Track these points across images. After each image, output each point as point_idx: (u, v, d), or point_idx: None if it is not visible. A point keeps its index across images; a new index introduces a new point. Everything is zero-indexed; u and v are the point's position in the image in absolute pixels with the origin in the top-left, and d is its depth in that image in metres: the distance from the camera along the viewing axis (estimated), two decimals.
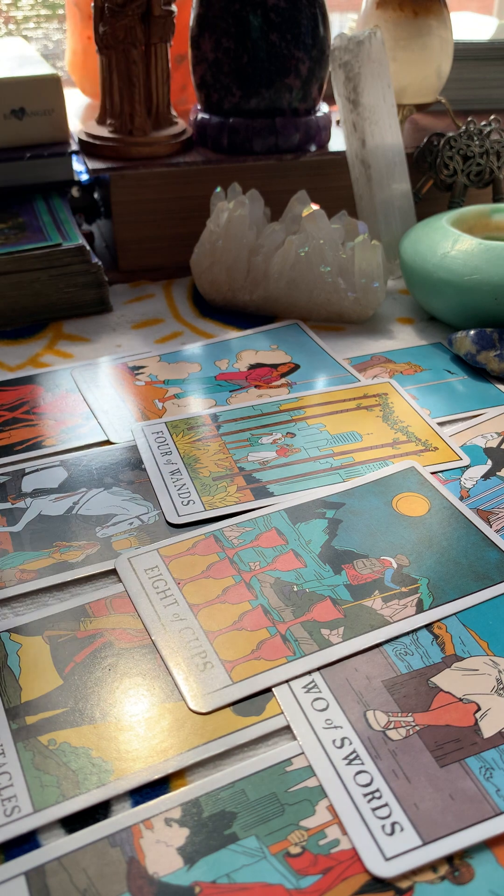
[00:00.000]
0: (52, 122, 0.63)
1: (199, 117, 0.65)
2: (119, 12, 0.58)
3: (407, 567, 0.37)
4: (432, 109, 0.75)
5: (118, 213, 0.63)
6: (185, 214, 0.64)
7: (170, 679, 0.32)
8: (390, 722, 0.30)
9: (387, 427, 0.47)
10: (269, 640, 0.34)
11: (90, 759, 0.29)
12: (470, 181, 0.67)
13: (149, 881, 0.26)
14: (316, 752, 0.29)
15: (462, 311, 0.55)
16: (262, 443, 0.46)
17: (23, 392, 0.51)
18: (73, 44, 0.79)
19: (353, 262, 0.57)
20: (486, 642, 0.34)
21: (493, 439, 0.46)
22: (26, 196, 0.64)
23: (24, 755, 0.29)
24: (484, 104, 0.81)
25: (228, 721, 0.30)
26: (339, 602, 0.35)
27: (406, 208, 0.64)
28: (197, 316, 0.61)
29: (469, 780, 0.28)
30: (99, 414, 0.49)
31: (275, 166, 0.64)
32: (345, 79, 0.61)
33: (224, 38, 0.61)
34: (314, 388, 0.51)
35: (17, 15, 0.99)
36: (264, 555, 0.38)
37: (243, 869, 0.26)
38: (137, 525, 0.40)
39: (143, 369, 0.54)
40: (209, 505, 0.41)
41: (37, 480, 0.43)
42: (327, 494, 0.42)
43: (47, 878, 0.26)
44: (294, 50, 0.61)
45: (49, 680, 0.32)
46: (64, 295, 0.59)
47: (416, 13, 0.65)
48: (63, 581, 0.37)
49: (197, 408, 0.50)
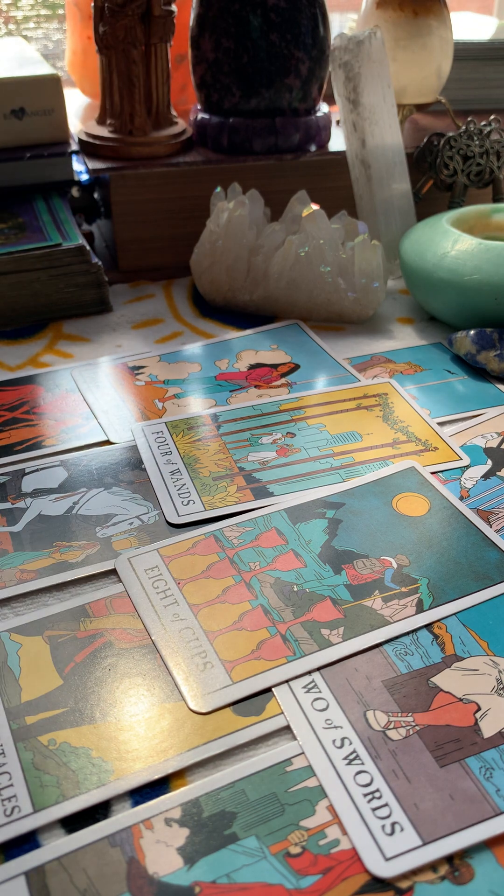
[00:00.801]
0: (52, 122, 0.63)
1: (199, 117, 0.65)
2: (119, 12, 0.58)
3: (407, 567, 0.37)
4: (432, 109, 0.75)
5: (118, 213, 0.63)
6: (185, 214, 0.64)
7: (170, 679, 0.32)
8: (390, 722, 0.30)
9: (387, 427, 0.47)
10: (269, 640, 0.34)
11: (90, 759, 0.29)
12: (470, 181, 0.67)
13: (149, 881, 0.26)
14: (316, 752, 0.29)
15: (462, 311, 0.55)
16: (262, 443, 0.46)
17: (23, 392, 0.51)
18: (73, 44, 0.79)
19: (353, 262, 0.57)
20: (486, 642, 0.34)
21: (493, 439, 0.46)
22: (26, 196, 0.64)
23: (24, 755, 0.29)
24: (484, 104, 0.81)
25: (228, 721, 0.30)
26: (339, 602, 0.35)
27: (406, 208, 0.64)
28: (197, 316, 0.61)
29: (469, 780, 0.28)
30: (99, 414, 0.49)
31: (275, 166, 0.64)
32: (345, 79, 0.61)
33: (224, 38, 0.61)
34: (314, 388, 0.51)
35: (17, 15, 0.99)
36: (264, 555, 0.38)
37: (243, 869, 0.26)
38: (137, 525, 0.40)
39: (143, 369, 0.54)
40: (209, 505, 0.41)
41: (37, 480, 0.43)
42: (327, 494, 0.42)
43: (47, 878, 0.26)
44: (294, 50, 0.61)
45: (49, 680, 0.32)
46: (64, 295, 0.59)
47: (416, 13, 0.65)
48: (63, 581, 0.37)
49: (197, 408, 0.50)
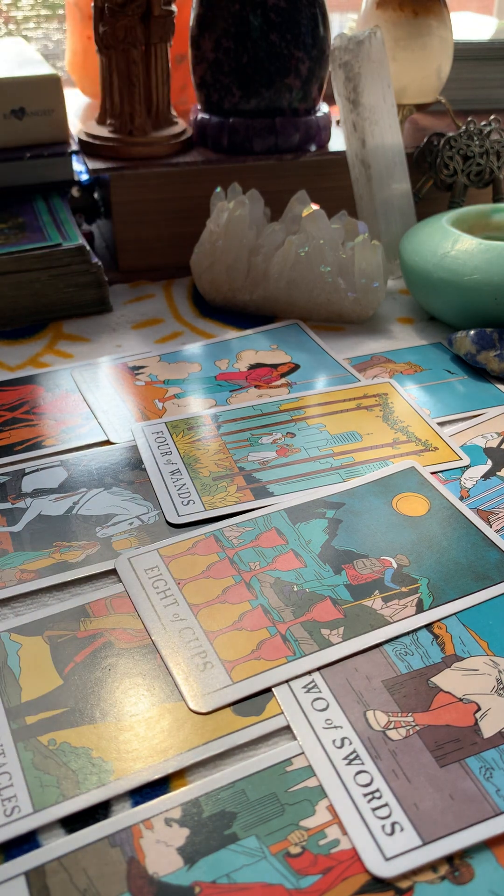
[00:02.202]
0: (52, 122, 0.63)
1: (199, 117, 0.65)
2: (119, 12, 0.58)
3: (407, 567, 0.37)
4: (432, 109, 0.75)
5: (118, 213, 0.63)
6: (185, 214, 0.64)
7: (170, 679, 0.32)
8: (390, 722, 0.30)
9: (387, 427, 0.47)
10: (269, 640, 0.34)
11: (90, 759, 0.29)
12: (470, 181, 0.67)
13: (149, 881, 0.26)
14: (316, 752, 0.29)
15: (462, 311, 0.55)
16: (262, 443, 0.46)
17: (23, 392, 0.51)
18: (73, 44, 0.79)
19: (353, 262, 0.57)
20: (486, 642, 0.34)
21: (493, 439, 0.46)
22: (26, 196, 0.64)
23: (24, 755, 0.29)
24: (484, 104, 0.81)
25: (228, 721, 0.30)
26: (339, 602, 0.35)
27: (406, 208, 0.64)
28: (197, 316, 0.61)
29: (469, 780, 0.28)
30: (99, 414, 0.49)
31: (275, 166, 0.64)
32: (345, 79, 0.61)
33: (224, 38, 0.61)
34: (314, 388, 0.51)
35: (17, 15, 0.99)
36: (264, 555, 0.38)
37: (243, 869, 0.26)
38: (137, 525, 0.40)
39: (143, 369, 0.54)
40: (209, 505, 0.41)
41: (37, 480, 0.43)
42: (327, 494, 0.42)
43: (47, 878, 0.26)
44: (294, 50, 0.61)
45: (49, 680, 0.32)
46: (64, 295, 0.59)
47: (416, 13, 0.65)
48: (63, 581, 0.37)
49: (197, 408, 0.50)
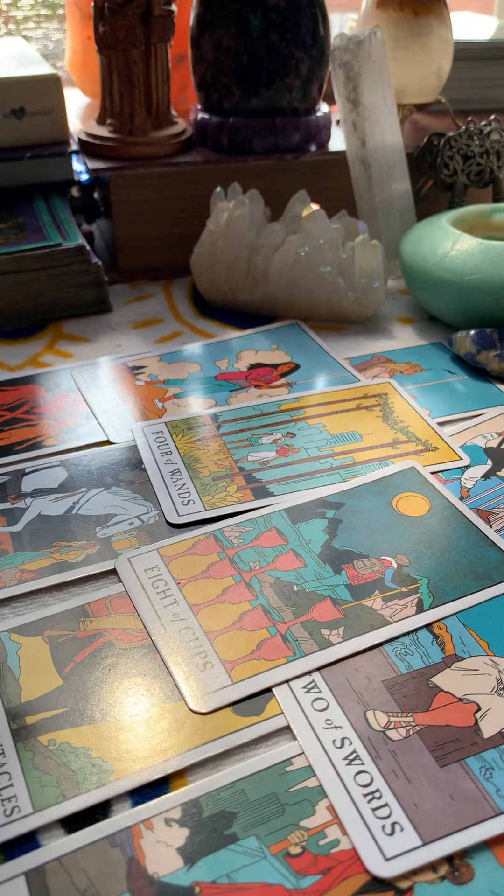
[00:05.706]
0: (52, 122, 0.63)
1: (199, 117, 0.65)
2: (119, 12, 0.58)
3: (407, 567, 0.37)
4: (432, 109, 0.75)
5: (118, 213, 0.63)
6: (185, 214, 0.64)
7: (170, 679, 0.32)
8: (390, 722, 0.30)
9: (387, 427, 0.47)
10: (269, 640, 0.34)
11: (90, 759, 0.29)
12: (470, 181, 0.67)
13: (149, 881, 0.26)
14: (316, 752, 0.29)
15: (462, 311, 0.55)
16: (262, 443, 0.46)
17: (23, 392, 0.51)
18: (73, 44, 0.79)
19: (353, 262, 0.57)
20: (486, 642, 0.34)
21: (493, 439, 0.46)
22: (26, 196, 0.64)
23: (24, 755, 0.29)
24: (484, 104, 0.81)
25: (228, 721, 0.30)
26: (339, 602, 0.35)
27: (406, 208, 0.64)
28: (197, 316, 0.61)
29: (469, 780, 0.28)
30: (99, 414, 0.49)
31: (275, 166, 0.64)
32: (345, 79, 0.61)
33: (224, 38, 0.61)
34: (314, 388, 0.51)
35: (17, 15, 0.99)
36: (264, 555, 0.38)
37: (243, 869, 0.26)
38: (137, 525, 0.40)
39: (143, 369, 0.54)
40: (209, 505, 0.41)
41: (37, 480, 0.43)
42: (327, 494, 0.42)
43: (47, 878, 0.26)
44: (294, 50, 0.61)
45: (49, 680, 0.32)
46: (64, 295, 0.59)
47: (416, 13, 0.65)
48: (63, 581, 0.37)
49: (197, 408, 0.50)
